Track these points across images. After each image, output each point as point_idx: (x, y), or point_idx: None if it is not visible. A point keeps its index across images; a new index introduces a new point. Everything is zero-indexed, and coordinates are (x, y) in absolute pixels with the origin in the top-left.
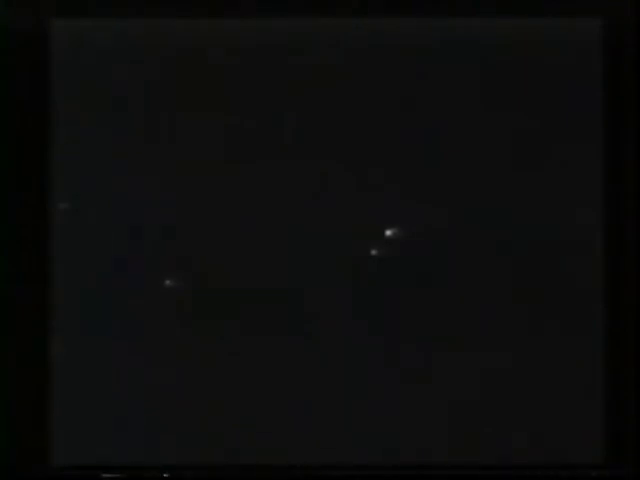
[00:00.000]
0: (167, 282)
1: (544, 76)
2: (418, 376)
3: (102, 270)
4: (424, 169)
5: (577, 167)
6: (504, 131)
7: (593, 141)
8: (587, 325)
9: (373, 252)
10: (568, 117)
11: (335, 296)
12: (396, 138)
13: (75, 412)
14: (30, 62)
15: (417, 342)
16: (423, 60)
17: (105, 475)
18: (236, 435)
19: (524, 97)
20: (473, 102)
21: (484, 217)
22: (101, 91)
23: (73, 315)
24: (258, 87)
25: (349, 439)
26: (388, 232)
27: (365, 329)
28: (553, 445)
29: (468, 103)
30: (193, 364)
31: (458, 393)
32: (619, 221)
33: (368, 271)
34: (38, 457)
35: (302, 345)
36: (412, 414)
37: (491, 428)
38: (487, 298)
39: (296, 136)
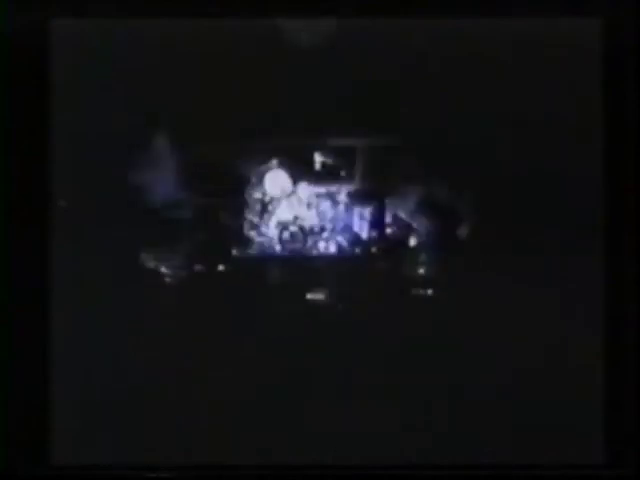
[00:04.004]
0: (168, 280)
1: (544, 76)
2: (412, 375)
3: (102, 270)
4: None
5: (577, 167)
6: (503, 132)
7: (593, 141)
8: (587, 324)
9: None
10: (568, 117)
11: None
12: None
13: (75, 412)
14: (30, 62)
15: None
16: (423, 60)
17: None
18: (236, 435)
19: (523, 97)
20: (473, 102)
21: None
22: (101, 90)
23: (73, 315)
24: (259, 87)
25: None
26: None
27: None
28: (553, 445)
29: (468, 103)
30: (193, 363)
31: (456, 391)
32: (619, 223)
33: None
34: (38, 457)
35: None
36: (407, 413)
37: (491, 428)
38: (484, 297)
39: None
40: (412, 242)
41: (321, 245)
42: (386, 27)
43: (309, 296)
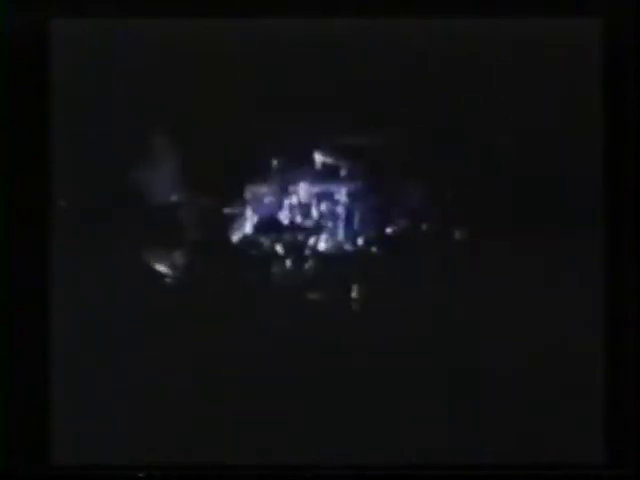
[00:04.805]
0: (168, 280)
1: (543, 76)
2: (412, 375)
3: (102, 270)
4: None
5: (577, 167)
6: (504, 132)
7: (593, 141)
8: (587, 324)
9: None
10: (568, 118)
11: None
12: (396, 137)
13: (75, 412)
14: (30, 62)
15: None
16: (422, 60)
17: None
18: (236, 435)
19: (523, 97)
20: (472, 103)
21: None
22: (101, 90)
23: (73, 315)
24: (259, 87)
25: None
26: None
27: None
28: (553, 445)
29: (467, 103)
30: (193, 363)
31: (456, 391)
32: (619, 222)
33: None
34: (38, 457)
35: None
36: (407, 413)
37: (491, 428)
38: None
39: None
40: (412, 241)
41: (321, 245)
42: (386, 27)
43: (310, 295)
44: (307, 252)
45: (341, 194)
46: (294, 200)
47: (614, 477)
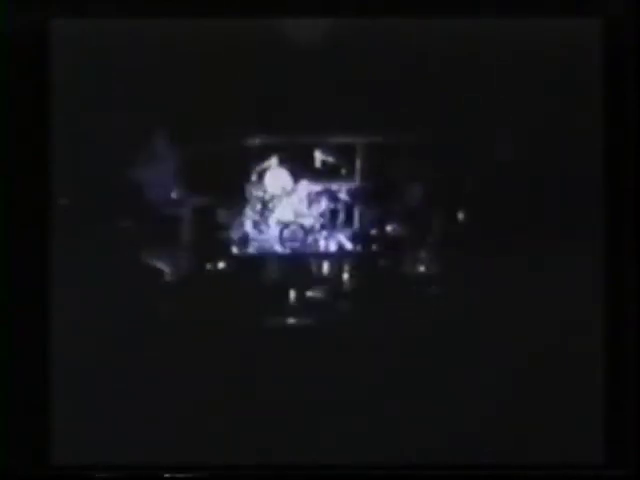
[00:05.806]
0: (168, 279)
1: (543, 76)
2: (412, 375)
3: (102, 269)
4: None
5: (577, 167)
6: (503, 132)
7: (593, 141)
8: (587, 324)
9: None
10: (568, 117)
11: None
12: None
13: (75, 412)
14: (30, 62)
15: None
16: (423, 60)
17: (100, 475)
18: (236, 435)
19: (523, 97)
20: (472, 103)
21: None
22: (101, 90)
23: (73, 315)
24: (259, 86)
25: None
26: None
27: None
28: (553, 445)
29: (467, 103)
30: (193, 363)
31: (456, 391)
32: (619, 222)
33: None
34: (38, 457)
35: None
36: (407, 413)
37: (491, 428)
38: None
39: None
40: (412, 240)
41: (321, 243)
42: (386, 27)
43: (309, 294)
44: (308, 251)
45: (341, 193)
46: (294, 199)
47: (614, 477)
